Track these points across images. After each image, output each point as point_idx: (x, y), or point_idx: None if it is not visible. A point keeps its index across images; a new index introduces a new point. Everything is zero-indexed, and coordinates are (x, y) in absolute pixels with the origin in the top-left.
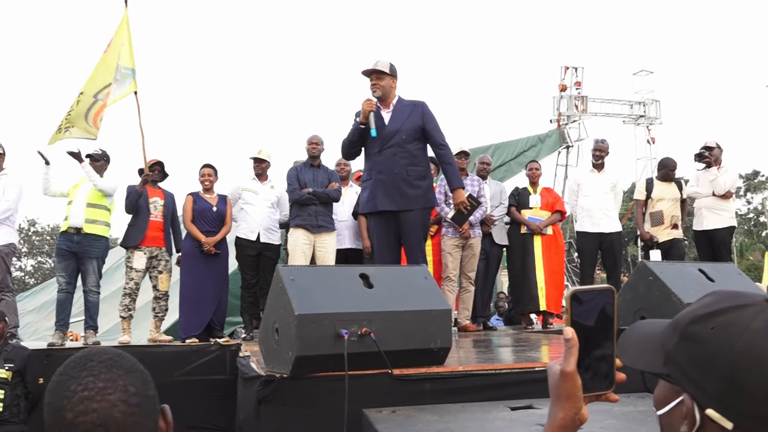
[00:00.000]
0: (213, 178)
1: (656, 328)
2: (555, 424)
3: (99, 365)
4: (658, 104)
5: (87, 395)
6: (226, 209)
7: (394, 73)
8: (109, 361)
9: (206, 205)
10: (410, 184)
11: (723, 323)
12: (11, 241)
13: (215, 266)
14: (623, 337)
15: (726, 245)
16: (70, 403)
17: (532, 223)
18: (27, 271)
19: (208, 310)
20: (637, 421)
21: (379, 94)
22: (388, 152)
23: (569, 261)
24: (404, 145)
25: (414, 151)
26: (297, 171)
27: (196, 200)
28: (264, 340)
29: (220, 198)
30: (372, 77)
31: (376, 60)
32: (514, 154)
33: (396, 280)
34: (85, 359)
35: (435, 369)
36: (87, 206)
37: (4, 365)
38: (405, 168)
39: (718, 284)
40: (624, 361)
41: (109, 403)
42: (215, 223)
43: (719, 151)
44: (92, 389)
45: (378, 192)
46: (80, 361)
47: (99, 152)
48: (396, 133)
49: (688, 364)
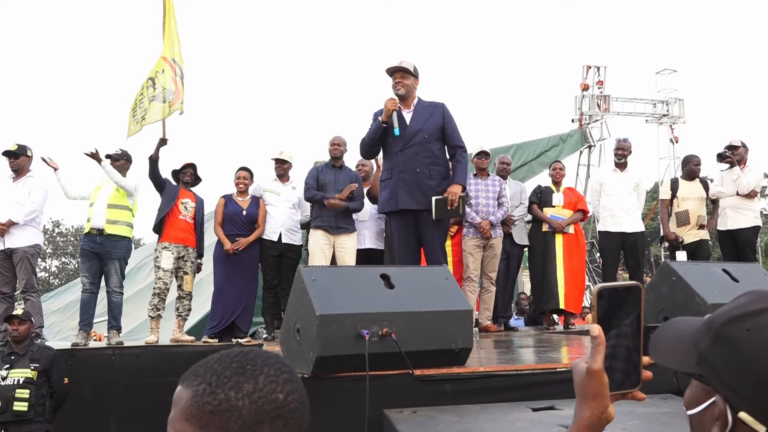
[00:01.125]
0: (248, 181)
1: (690, 327)
2: (581, 423)
3: (269, 357)
4: (681, 103)
5: (287, 377)
6: (257, 212)
7: (417, 74)
8: (268, 354)
9: (237, 209)
10: (431, 184)
11: (759, 325)
12: (37, 242)
13: (246, 268)
14: (656, 335)
15: (751, 245)
16: (278, 386)
17: (554, 221)
18: (51, 271)
19: (233, 311)
20: (660, 422)
21: (402, 93)
22: (410, 151)
23: (591, 261)
24: (426, 144)
25: (435, 151)
26: (318, 171)
27: (228, 203)
28: (285, 341)
29: (253, 200)
30: (396, 75)
31: (400, 59)
32: (536, 153)
33: (417, 281)
34: (244, 358)
35: (456, 369)
36: (108, 207)
37: (29, 365)
38: (427, 167)
39: (742, 284)
40: (656, 359)
41: (299, 383)
42: (244, 226)
43: (744, 150)
44: (286, 372)
45: (400, 191)
46: (248, 355)
47: (119, 152)
48: (418, 133)
49: (722, 365)
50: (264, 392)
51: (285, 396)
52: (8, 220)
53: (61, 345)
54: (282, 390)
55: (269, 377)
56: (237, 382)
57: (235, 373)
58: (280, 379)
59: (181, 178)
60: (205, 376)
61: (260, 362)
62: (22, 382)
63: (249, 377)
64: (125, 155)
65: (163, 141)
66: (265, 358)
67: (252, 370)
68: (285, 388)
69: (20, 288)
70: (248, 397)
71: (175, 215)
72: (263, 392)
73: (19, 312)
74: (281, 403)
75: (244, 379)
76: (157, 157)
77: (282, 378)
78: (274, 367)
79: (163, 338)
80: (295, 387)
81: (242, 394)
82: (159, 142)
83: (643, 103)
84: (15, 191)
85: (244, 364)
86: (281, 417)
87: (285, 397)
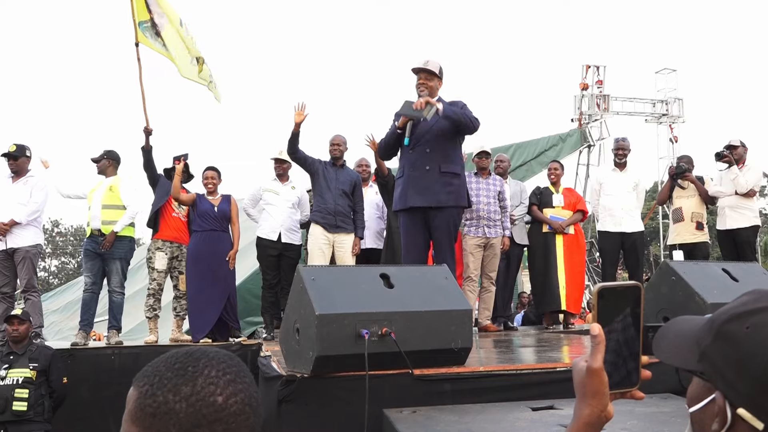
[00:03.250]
0: (216, 181)
1: (693, 325)
2: (581, 421)
3: (213, 358)
4: (681, 102)
5: (231, 378)
6: (229, 208)
7: (441, 75)
8: (215, 353)
9: (208, 206)
10: (442, 182)
11: (759, 323)
12: (38, 242)
13: (219, 265)
14: (659, 333)
15: (750, 244)
16: (218, 388)
17: (554, 222)
18: (51, 271)
19: (215, 310)
20: (660, 422)
21: (426, 94)
22: (421, 149)
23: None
24: (437, 142)
25: (447, 150)
26: (323, 165)
27: (199, 200)
28: (285, 340)
29: (224, 198)
30: (421, 76)
31: (426, 59)
32: (535, 153)
33: (416, 280)
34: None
35: (456, 369)
36: (103, 208)
37: (28, 365)
38: (437, 165)
39: (742, 284)
40: (660, 357)
41: (246, 384)
42: (217, 222)
43: (743, 149)
44: (231, 373)
45: (409, 188)
46: (190, 358)
47: (100, 155)
48: (429, 131)
49: (722, 362)
50: (202, 395)
51: (225, 399)
52: (11, 220)
53: (60, 345)
54: (222, 392)
55: (209, 379)
56: (176, 384)
57: (175, 374)
58: (221, 381)
59: (150, 131)
60: (150, 378)
61: (202, 363)
62: (21, 381)
63: (188, 379)
64: (107, 154)
65: (149, 131)
66: (209, 358)
67: (192, 371)
68: (226, 391)
69: (21, 287)
70: (185, 401)
71: (168, 213)
72: (201, 395)
73: (18, 312)
74: (220, 407)
75: (183, 381)
76: (150, 146)
77: (224, 380)
78: (217, 368)
79: (162, 338)
80: (239, 389)
81: (179, 397)
82: (145, 132)
83: (643, 103)
84: (16, 191)
85: (186, 366)
86: (220, 421)
87: (225, 399)
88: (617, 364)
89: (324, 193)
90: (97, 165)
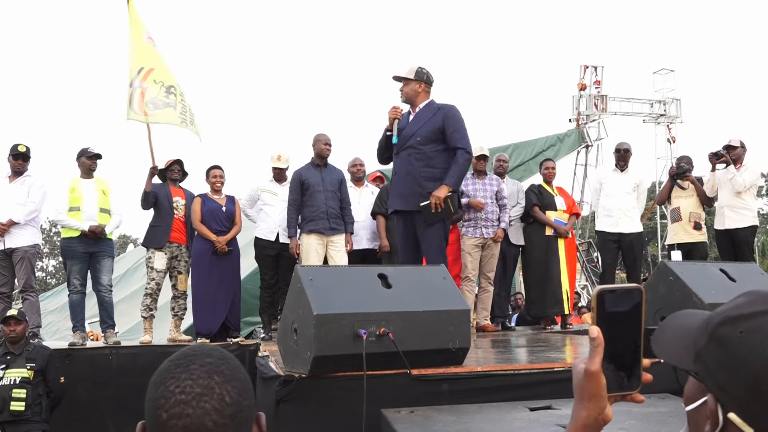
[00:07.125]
0: (224, 180)
1: (693, 323)
2: (578, 423)
3: (200, 369)
4: (678, 103)
5: (183, 399)
6: (234, 209)
7: (420, 77)
8: (210, 366)
9: (215, 206)
10: (422, 186)
11: (752, 328)
12: (36, 242)
13: (226, 266)
14: (660, 327)
15: (748, 245)
16: (167, 404)
17: (560, 227)
18: (48, 271)
19: (222, 311)
20: (657, 422)
21: (403, 99)
22: (404, 153)
23: (589, 261)
24: (419, 146)
25: (430, 153)
26: (300, 175)
27: (205, 201)
28: (283, 340)
29: (229, 198)
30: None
31: (409, 66)
32: (533, 153)
33: (414, 280)
34: (189, 360)
35: (453, 369)
36: (100, 211)
37: (26, 365)
38: (418, 169)
39: (739, 284)
40: (658, 353)
41: (202, 411)
42: (225, 222)
43: (742, 150)
44: (189, 393)
45: (393, 192)
46: (183, 360)
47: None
48: (412, 136)
49: (715, 365)
50: (155, 404)
51: (167, 418)
52: (9, 220)
53: (58, 345)
54: (167, 412)
55: (166, 391)
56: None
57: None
58: (171, 401)
59: (169, 176)
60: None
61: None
62: (18, 381)
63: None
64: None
65: (155, 169)
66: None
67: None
68: (171, 411)
69: (19, 287)
70: (148, 402)
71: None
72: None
73: (15, 312)
74: (162, 423)
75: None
76: (151, 189)
77: (174, 400)
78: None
79: (158, 338)
80: (186, 413)
81: (149, 396)
82: (150, 172)
83: (641, 103)
84: (13, 191)
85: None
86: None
87: (167, 419)
88: (617, 367)
89: (315, 199)
90: (92, 162)
